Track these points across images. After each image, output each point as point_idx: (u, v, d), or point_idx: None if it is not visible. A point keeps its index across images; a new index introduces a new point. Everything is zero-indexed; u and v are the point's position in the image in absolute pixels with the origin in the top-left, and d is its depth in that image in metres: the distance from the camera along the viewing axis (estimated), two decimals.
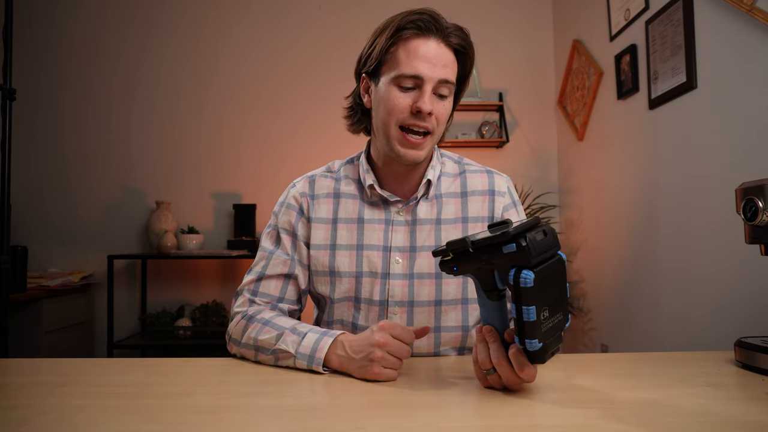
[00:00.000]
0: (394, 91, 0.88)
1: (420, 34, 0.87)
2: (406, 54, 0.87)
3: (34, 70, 2.82)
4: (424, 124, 0.88)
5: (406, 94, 0.88)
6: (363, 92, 0.96)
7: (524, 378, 0.65)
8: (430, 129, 0.89)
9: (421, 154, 0.91)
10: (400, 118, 0.88)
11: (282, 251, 0.97)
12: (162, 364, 0.85)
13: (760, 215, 0.77)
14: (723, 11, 1.62)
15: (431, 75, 0.86)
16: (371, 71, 0.93)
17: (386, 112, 0.89)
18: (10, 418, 0.59)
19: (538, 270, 0.61)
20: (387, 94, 0.89)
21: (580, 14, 2.71)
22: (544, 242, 0.63)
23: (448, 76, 0.88)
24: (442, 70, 0.87)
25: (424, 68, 0.86)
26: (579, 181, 2.75)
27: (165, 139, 2.88)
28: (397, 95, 0.88)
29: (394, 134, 0.89)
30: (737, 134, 1.58)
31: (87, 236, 2.81)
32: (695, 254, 1.78)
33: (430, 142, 0.91)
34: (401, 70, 0.87)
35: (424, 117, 0.87)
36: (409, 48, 0.87)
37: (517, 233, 0.61)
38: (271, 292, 0.96)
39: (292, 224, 0.99)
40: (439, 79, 0.87)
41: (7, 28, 1.69)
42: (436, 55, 0.87)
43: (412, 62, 0.86)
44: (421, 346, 0.94)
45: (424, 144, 0.90)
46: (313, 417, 0.61)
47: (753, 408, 0.61)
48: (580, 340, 2.73)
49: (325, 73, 2.92)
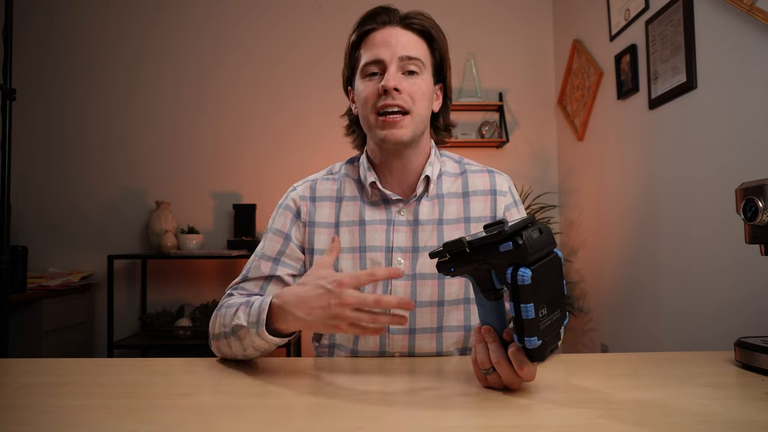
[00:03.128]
0: (363, 83, 0.92)
1: (377, 27, 0.92)
2: (366, 47, 0.92)
3: (34, 70, 2.81)
4: (394, 102, 0.89)
5: (373, 81, 0.91)
6: (352, 103, 1.01)
7: (524, 377, 0.65)
8: (404, 106, 0.89)
9: (403, 133, 0.90)
10: (372, 103, 0.91)
11: (269, 252, 0.97)
12: (162, 364, 0.85)
13: (760, 215, 0.77)
14: (723, 11, 1.62)
15: (391, 55, 0.90)
16: (348, 79, 0.98)
17: (362, 104, 0.93)
18: (10, 418, 0.59)
19: (535, 267, 0.61)
20: (359, 87, 0.93)
21: (580, 14, 2.71)
22: (540, 240, 0.63)
23: (409, 52, 0.90)
24: (402, 48, 0.90)
25: (383, 51, 0.90)
26: (579, 181, 2.75)
27: (165, 139, 2.88)
28: (367, 85, 0.92)
29: (372, 120, 0.92)
30: (737, 134, 1.58)
31: (87, 236, 2.81)
32: (695, 254, 1.78)
33: (409, 120, 0.91)
34: (364, 60, 0.92)
35: (391, 94, 0.88)
36: (368, 42, 0.93)
37: (513, 232, 0.62)
38: (251, 288, 0.96)
39: (286, 226, 0.98)
40: (400, 56, 0.90)
41: (7, 28, 1.69)
42: (394, 38, 0.91)
43: (371, 50, 0.92)
44: (424, 347, 0.94)
45: (402, 122, 0.90)
46: (313, 417, 0.61)
47: (753, 408, 0.61)
48: (580, 340, 2.73)
49: (326, 73, 2.92)
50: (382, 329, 0.73)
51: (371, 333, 0.72)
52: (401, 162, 0.96)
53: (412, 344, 0.94)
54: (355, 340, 0.96)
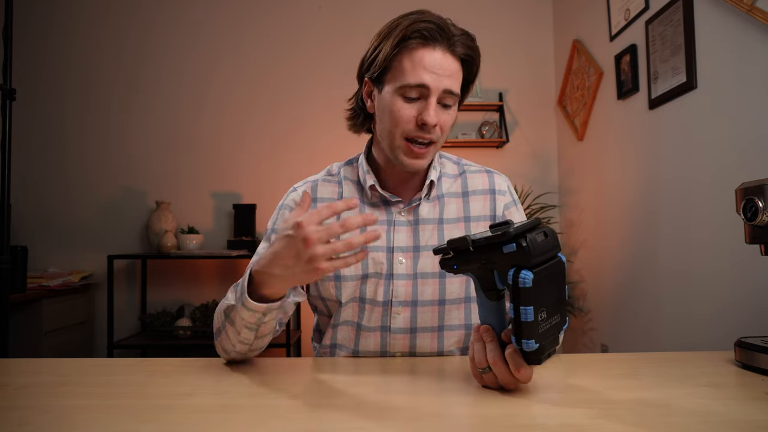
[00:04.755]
0: (398, 101, 0.88)
1: (425, 44, 0.86)
2: (411, 64, 0.86)
3: (34, 70, 2.81)
4: (429, 136, 0.88)
5: (411, 105, 0.87)
6: (366, 96, 0.96)
7: (520, 378, 0.65)
8: (434, 140, 0.90)
9: (424, 163, 0.92)
10: (405, 130, 0.88)
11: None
12: (162, 364, 0.85)
13: (760, 215, 0.77)
14: (723, 11, 1.62)
15: (436, 85, 0.86)
16: (375, 77, 0.92)
17: (392, 123, 0.89)
18: (10, 418, 0.59)
19: (538, 271, 0.61)
20: (392, 104, 0.88)
21: (580, 14, 2.71)
22: (545, 243, 0.63)
23: (452, 86, 0.87)
24: (447, 80, 0.87)
25: (429, 78, 0.85)
26: (579, 181, 2.75)
27: (165, 139, 2.88)
28: (402, 106, 0.87)
29: (399, 144, 0.90)
30: (737, 134, 1.58)
31: (87, 236, 2.81)
32: (695, 254, 1.78)
33: (433, 150, 0.92)
34: (406, 80, 0.86)
35: (429, 129, 0.87)
36: (414, 58, 0.86)
37: (517, 233, 0.62)
38: None
39: None
40: (444, 89, 0.87)
41: (7, 28, 1.69)
42: (441, 66, 0.86)
43: (417, 72, 0.85)
44: (425, 346, 0.95)
45: (427, 153, 0.90)
46: (313, 417, 0.61)
47: (753, 408, 0.61)
48: (580, 340, 2.73)
49: (326, 73, 2.92)
50: (362, 253, 0.69)
51: (354, 261, 0.69)
52: (409, 174, 0.97)
53: (413, 344, 0.94)
54: (356, 340, 0.96)
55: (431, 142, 0.90)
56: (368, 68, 0.93)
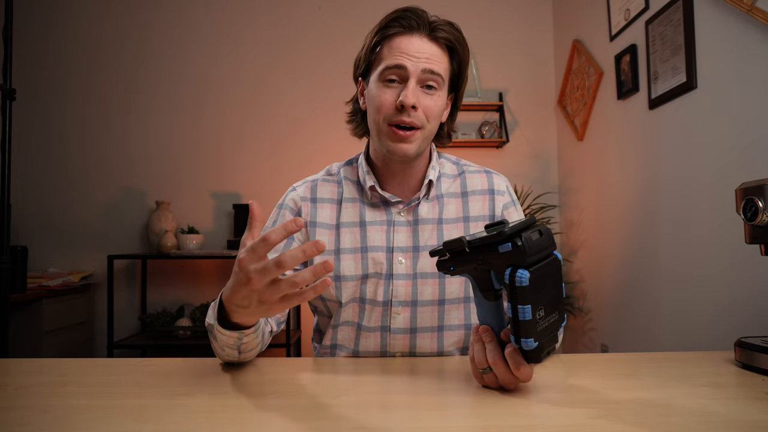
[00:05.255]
0: (380, 87, 0.90)
1: (403, 32, 0.89)
2: (389, 50, 0.89)
3: (34, 70, 2.81)
4: (409, 120, 0.88)
5: (391, 90, 0.89)
6: (360, 95, 0.99)
7: (520, 377, 0.65)
8: (417, 125, 0.89)
9: (411, 148, 0.90)
10: (387, 115, 0.89)
11: None
12: (162, 364, 0.85)
13: (760, 215, 0.77)
14: (723, 11, 1.62)
15: (414, 66, 0.87)
16: (363, 73, 0.95)
17: (374, 110, 0.91)
18: (10, 418, 0.59)
19: (534, 269, 0.61)
20: (374, 91, 0.91)
21: (580, 14, 2.71)
22: (540, 242, 0.63)
23: (432, 66, 0.88)
24: (425, 61, 0.88)
25: (407, 60, 0.87)
26: (579, 181, 2.75)
27: (165, 139, 2.88)
28: (384, 91, 0.89)
29: (383, 129, 0.90)
30: (737, 134, 1.58)
31: (87, 236, 2.81)
32: (695, 254, 1.78)
33: (420, 135, 0.90)
34: (385, 63, 0.89)
35: (408, 112, 0.87)
36: (392, 44, 0.90)
37: (512, 233, 0.62)
38: None
39: None
40: (423, 69, 0.87)
41: (7, 28, 1.69)
42: (419, 49, 0.88)
43: (394, 55, 0.88)
44: (425, 346, 0.95)
45: (412, 137, 0.90)
46: (313, 417, 0.61)
47: (753, 408, 0.61)
48: (580, 340, 2.73)
49: (325, 73, 2.92)
50: (324, 283, 0.58)
51: (314, 294, 0.59)
52: (404, 167, 0.97)
53: (413, 344, 0.95)
54: (356, 340, 0.96)
55: (415, 126, 0.89)
56: (358, 66, 0.96)
